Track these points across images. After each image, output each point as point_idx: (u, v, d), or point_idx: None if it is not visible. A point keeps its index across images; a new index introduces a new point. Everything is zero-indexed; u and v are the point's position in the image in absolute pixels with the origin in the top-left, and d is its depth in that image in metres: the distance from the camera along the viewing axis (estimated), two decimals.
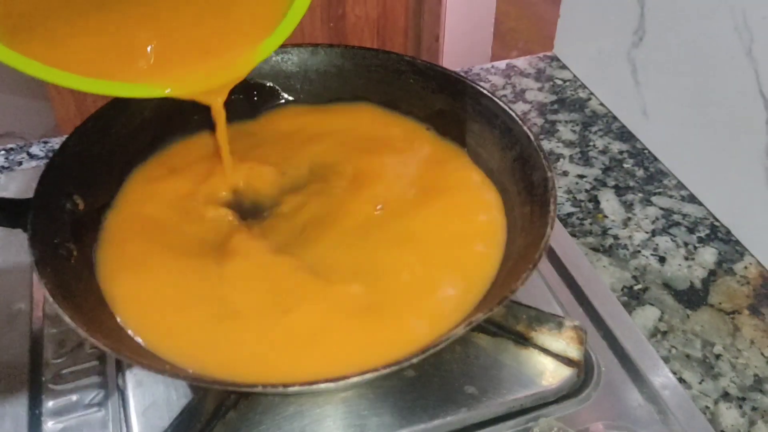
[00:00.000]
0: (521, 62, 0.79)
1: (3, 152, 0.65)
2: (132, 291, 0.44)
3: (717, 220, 0.60)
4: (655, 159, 0.66)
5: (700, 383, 0.48)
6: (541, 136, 0.69)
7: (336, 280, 0.45)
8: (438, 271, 0.46)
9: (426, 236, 0.48)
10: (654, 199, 0.62)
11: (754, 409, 0.47)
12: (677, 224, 0.60)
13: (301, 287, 0.44)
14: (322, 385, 0.36)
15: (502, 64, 0.79)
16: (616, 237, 0.58)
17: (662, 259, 0.56)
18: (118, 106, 0.51)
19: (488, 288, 0.44)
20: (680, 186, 0.63)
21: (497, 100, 0.51)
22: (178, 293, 0.44)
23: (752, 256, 0.57)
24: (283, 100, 0.58)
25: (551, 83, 0.76)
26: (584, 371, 0.46)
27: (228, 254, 0.46)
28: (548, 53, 0.80)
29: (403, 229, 0.48)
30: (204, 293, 0.44)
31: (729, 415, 0.46)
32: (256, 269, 0.45)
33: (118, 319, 0.42)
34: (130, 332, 0.41)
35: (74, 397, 0.44)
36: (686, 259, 0.57)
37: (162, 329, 0.42)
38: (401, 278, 0.45)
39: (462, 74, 0.54)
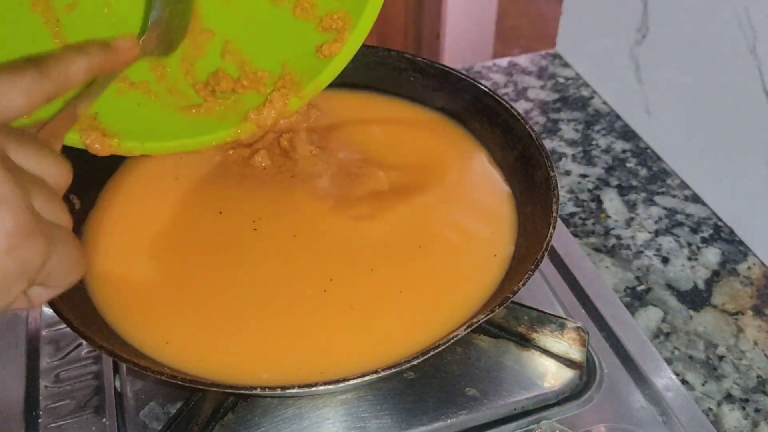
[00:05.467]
0: (523, 60, 0.79)
1: None
2: (122, 292, 0.43)
3: (720, 220, 0.59)
4: (659, 158, 0.65)
5: (703, 385, 0.47)
6: (543, 135, 0.68)
7: (337, 278, 0.45)
8: (443, 270, 0.45)
9: (435, 234, 0.47)
10: (657, 198, 0.62)
11: (757, 410, 0.46)
12: (680, 224, 0.59)
13: (301, 287, 0.44)
14: (321, 387, 0.35)
15: (503, 61, 0.78)
16: (618, 237, 0.58)
17: (665, 260, 0.56)
18: None
19: (495, 289, 0.43)
20: (684, 186, 0.63)
21: (499, 99, 0.51)
22: (174, 294, 0.43)
23: (756, 256, 0.56)
24: None
25: (553, 81, 0.76)
26: (586, 373, 0.46)
27: (224, 253, 0.46)
28: (550, 51, 0.80)
29: (410, 227, 0.48)
30: (201, 293, 0.44)
31: (732, 416, 0.46)
32: (255, 267, 0.45)
33: (108, 322, 0.41)
34: (123, 334, 0.41)
35: (71, 399, 0.44)
36: (689, 259, 0.56)
37: (157, 331, 0.41)
38: (404, 278, 0.45)
39: (463, 72, 0.53)
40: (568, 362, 0.45)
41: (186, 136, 0.47)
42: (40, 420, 0.43)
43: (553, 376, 0.45)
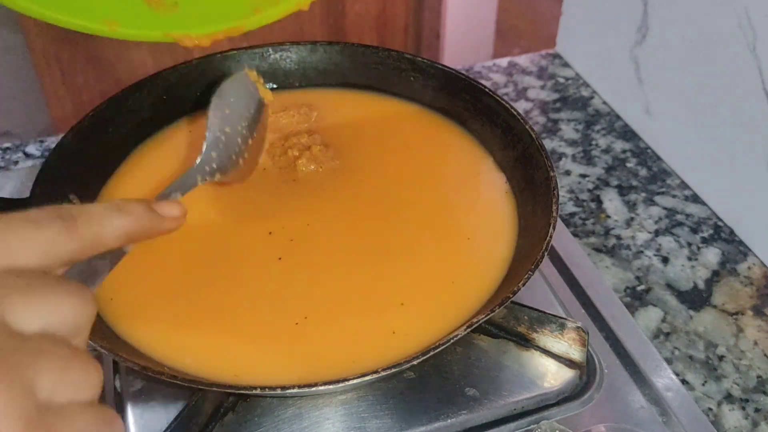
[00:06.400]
0: (523, 60, 0.79)
1: None
2: (121, 292, 0.43)
3: (720, 220, 0.59)
4: (659, 158, 0.65)
5: (703, 385, 0.47)
6: (543, 135, 0.68)
7: (335, 278, 0.45)
8: (443, 270, 0.45)
9: (435, 234, 0.48)
10: (657, 198, 0.62)
11: (757, 410, 0.46)
12: (680, 224, 0.59)
13: (302, 287, 0.44)
14: (321, 387, 0.35)
15: (503, 61, 0.78)
16: (618, 237, 0.58)
17: (665, 260, 0.56)
18: (114, 104, 0.50)
19: (495, 289, 0.43)
20: (683, 186, 0.63)
21: (499, 99, 0.51)
22: (174, 295, 0.43)
23: (756, 256, 0.56)
24: None
25: (553, 81, 0.76)
26: (586, 373, 0.46)
27: (224, 254, 0.46)
28: (550, 51, 0.80)
29: (409, 227, 0.48)
30: (201, 294, 0.44)
31: (732, 416, 0.46)
32: (254, 266, 0.45)
33: (108, 321, 0.41)
34: (125, 334, 0.41)
35: None
36: (689, 259, 0.56)
37: (158, 331, 0.41)
38: (403, 278, 0.45)
39: (463, 72, 0.54)
40: (568, 362, 0.45)
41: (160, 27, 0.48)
42: None
43: (553, 376, 0.45)
